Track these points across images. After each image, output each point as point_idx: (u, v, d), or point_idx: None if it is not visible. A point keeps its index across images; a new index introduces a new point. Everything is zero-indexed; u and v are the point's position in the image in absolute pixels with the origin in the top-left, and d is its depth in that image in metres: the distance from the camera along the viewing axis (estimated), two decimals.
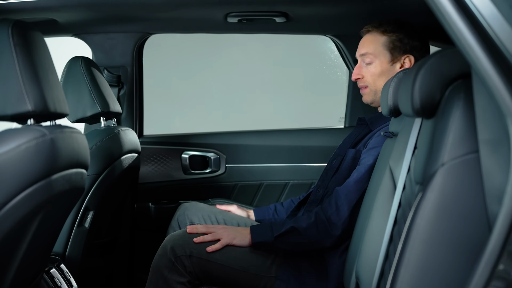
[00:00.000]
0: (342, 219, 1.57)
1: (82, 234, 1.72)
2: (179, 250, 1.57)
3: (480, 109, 0.88)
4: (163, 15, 1.97)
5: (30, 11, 1.65)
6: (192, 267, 1.57)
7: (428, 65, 1.01)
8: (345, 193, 1.60)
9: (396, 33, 1.72)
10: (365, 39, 1.77)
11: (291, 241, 1.59)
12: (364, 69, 1.75)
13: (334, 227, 1.57)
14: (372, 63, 1.73)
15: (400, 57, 1.72)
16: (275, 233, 1.58)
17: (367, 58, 1.73)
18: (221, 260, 1.59)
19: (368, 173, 1.62)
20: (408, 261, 0.95)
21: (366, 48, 1.74)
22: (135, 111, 2.38)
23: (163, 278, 1.56)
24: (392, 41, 1.72)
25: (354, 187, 1.61)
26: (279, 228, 1.60)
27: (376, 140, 1.67)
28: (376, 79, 1.74)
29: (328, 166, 1.83)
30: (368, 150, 1.67)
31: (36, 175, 0.97)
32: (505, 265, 0.79)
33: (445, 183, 0.92)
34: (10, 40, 1.02)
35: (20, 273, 1.11)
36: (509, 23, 0.80)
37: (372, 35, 1.74)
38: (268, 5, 1.79)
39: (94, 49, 2.28)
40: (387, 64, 1.72)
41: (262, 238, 1.60)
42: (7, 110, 1.02)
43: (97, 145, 1.76)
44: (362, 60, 1.76)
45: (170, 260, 1.56)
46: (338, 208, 1.58)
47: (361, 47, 1.77)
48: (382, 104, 1.63)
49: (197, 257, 1.57)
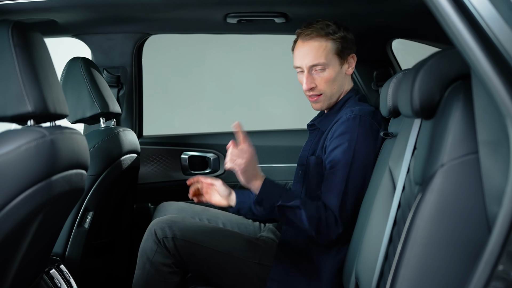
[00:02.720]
0: (339, 225, 1.54)
1: (81, 234, 1.72)
2: (162, 232, 1.59)
3: (480, 110, 0.88)
4: (162, 15, 1.97)
5: (30, 12, 1.64)
6: (176, 250, 1.59)
7: (428, 66, 1.01)
8: (337, 203, 1.54)
9: (338, 33, 1.67)
10: (309, 46, 1.66)
11: (291, 218, 1.53)
12: (316, 76, 1.67)
13: (331, 231, 1.54)
14: (324, 70, 1.66)
15: (347, 57, 1.70)
16: (282, 202, 1.52)
17: (318, 67, 1.65)
18: (205, 242, 1.61)
19: (347, 165, 1.56)
20: (408, 261, 0.95)
21: (316, 59, 1.65)
22: (135, 111, 2.38)
23: (149, 261, 1.59)
24: (338, 44, 1.66)
25: (343, 187, 1.55)
26: (288, 199, 1.53)
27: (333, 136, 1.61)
28: (330, 84, 1.68)
29: (296, 178, 1.79)
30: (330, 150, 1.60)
31: (36, 176, 0.97)
32: (505, 265, 0.79)
33: (444, 183, 0.92)
34: (10, 41, 1.02)
35: (20, 274, 1.11)
36: (508, 24, 0.80)
37: (316, 41, 1.65)
38: (267, 5, 1.80)
39: (93, 49, 2.28)
40: (338, 67, 1.68)
41: (268, 197, 1.53)
42: (7, 111, 1.02)
43: (96, 146, 1.76)
44: (311, 69, 1.66)
45: (155, 242, 1.59)
46: (335, 215, 1.54)
47: (307, 56, 1.65)
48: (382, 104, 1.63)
49: (181, 239, 1.60)
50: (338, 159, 1.57)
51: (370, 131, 1.60)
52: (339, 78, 1.69)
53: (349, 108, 1.66)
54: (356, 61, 1.73)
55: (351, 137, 1.57)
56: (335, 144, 1.59)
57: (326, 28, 1.65)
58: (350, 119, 1.60)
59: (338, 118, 1.65)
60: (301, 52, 1.68)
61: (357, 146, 1.57)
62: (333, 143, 1.60)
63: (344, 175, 1.55)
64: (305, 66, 1.67)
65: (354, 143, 1.57)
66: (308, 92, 1.69)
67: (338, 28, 1.67)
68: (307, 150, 1.76)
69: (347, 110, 1.64)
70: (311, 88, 1.68)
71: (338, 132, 1.60)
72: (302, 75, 1.69)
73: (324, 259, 1.64)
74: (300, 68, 1.69)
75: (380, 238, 1.19)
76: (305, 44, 1.67)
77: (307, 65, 1.66)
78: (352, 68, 1.73)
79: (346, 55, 1.69)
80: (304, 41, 1.67)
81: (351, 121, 1.59)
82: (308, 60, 1.66)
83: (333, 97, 1.71)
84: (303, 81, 1.68)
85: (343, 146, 1.57)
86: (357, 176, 1.57)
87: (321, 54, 1.65)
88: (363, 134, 1.58)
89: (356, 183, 1.57)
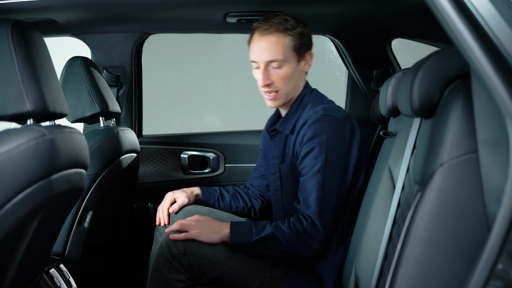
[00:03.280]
0: (320, 231, 1.54)
1: (81, 234, 1.72)
2: (174, 248, 1.57)
3: (479, 109, 0.88)
4: (162, 15, 1.97)
5: (29, 11, 1.64)
6: (189, 264, 1.57)
7: (427, 65, 1.01)
8: (315, 209, 1.54)
9: (297, 29, 1.62)
10: (269, 42, 1.61)
11: (271, 246, 1.55)
12: (273, 72, 1.63)
13: (312, 240, 1.54)
14: (281, 67, 1.62)
15: (304, 54, 1.67)
16: (255, 237, 1.54)
17: (275, 63, 1.62)
18: (214, 257, 1.59)
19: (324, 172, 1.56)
20: (407, 260, 0.95)
21: (274, 55, 1.60)
22: (134, 111, 2.38)
23: (162, 277, 1.56)
24: (297, 40, 1.62)
25: (319, 193, 1.55)
26: (259, 231, 1.55)
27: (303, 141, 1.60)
28: (287, 81, 1.64)
29: (272, 187, 1.78)
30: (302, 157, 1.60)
31: (36, 175, 0.97)
32: (504, 264, 0.79)
33: (444, 183, 0.92)
34: (10, 40, 1.02)
35: (20, 273, 1.11)
36: (508, 23, 0.80)
37: (275, 36, 1.61)
38: (267, 5, 1.79)
39: (93, 49, 2.28)
40: (295, 64, 1.64)
41: (241, 239, 1.56)
42: (6, 110, 1.02)
43: (96, 145, 1.76)
44: (268, 64, 1.62)
45: (167, 259, 1.56)
46: (314, 222, 1.54)
47: (265, 51, 1.61)
48: (381, 104, 1.63)
49: (191, 254, 1.57)
50: (311, 165, 1.57)
51: (337, 129, 1.58)
52: (296, 75, 1.66)
53: (311, 108, 1.64)
54: (313, 57, 1.70)
55: (320, 141, 1.56)
56: (306, 149, 1.58)
57: (285, 23, 1.61)
58: (316, 122, 1.58)
59: (305, 120, 1.62)
60: (258, 46, 1.63)
61: (328, 148, 1.56)
62: (304, 148, 1.59)
63: (318, 180, 1.55)
64: (262, 61, 1.62)
65: (325, 145, 1.56)
66: (264, 88, 1.65)
67: (296, 23, 1.63)
68: (276, 157, 1.74)
69: (310, 112, 1.62)
70: (267, 84, 1.63)
71: (307, 137, 1.58)
72: (258, 71, 1.65)
73: (322, 266, 1.64)
74: (256, 63, 1.65)
75: (380, 238, 1.19)
76: (263, 39, 1.62)
77: (264, 61, 1.62)
78: (308, 65, 1.70)
79: (303, 52, 1.66)
80: (262, 35, 1.62)
81: (317, 124, 1.57)
82: (265, 56, 1.62)
83: (290, 94, 1.68)
84: (258, 77, 1.65)
85: (315, 151, 1.56)
86: (333, 178, 1.57)
87: (278, 50, 1.61)
88: (332, 135, 1.57)
89: (333, 185, 1.57)
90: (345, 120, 1.61)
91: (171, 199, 1.83)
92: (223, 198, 1.89)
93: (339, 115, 1.61)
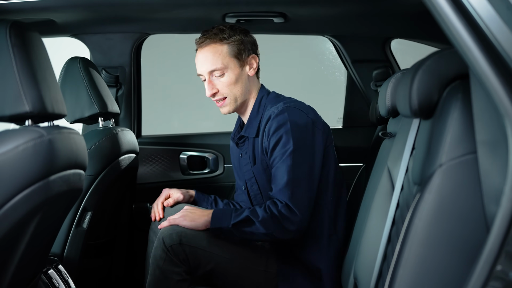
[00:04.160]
0: (295, 213, 1.57)
1: (80, 234, 1.71)
2: (170, 239, 1.59)
3: (478, 110, 0.88)
4: (161, 15, 1.97)
5: (28, 12, 1.64)
6: (184, 255, 1.59)
7: (426, 66, 1.01)
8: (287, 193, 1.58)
9: (234, 37, 1.71)
10: (205, 53, 1.70)
11: (247, 230, 1.58)
12: (217, 81, 1.71)
13: (288, 222, 1.57)
14: (223, 75, 1.71)
15: (246, 58, 1.73)
16: (233, 221, 1.58)
17: (216, 72, 1.70)
18: (209, 248, 1.62)
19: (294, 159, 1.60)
20: (406, 261, 0.95)
21: (213, 64, 1.69)
22: (133, 111, 2.38)
23: (159, 269, 1.59)
24: (235, 46, 1.70)
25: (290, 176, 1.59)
26: (237, 215, 1.59)
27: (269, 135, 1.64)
28: (232, 88, 1.72)
29: (251, 193, 1.82)
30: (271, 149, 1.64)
31: (34, 176, 0.97)
32: (503, 265, 0.79)
33: (443, 183, 0.92)
34: (8, 41, 1.02)
35: (18, 274, 1.10)
36: (506, 24, 0.80)
37: (212, 47, 1.70)
38: (266, 5, 1.79)
39: (92, 49, 2.28)
40: (238, 70, 1.71)
41: (220, 224, 1.60)
42: (5, 111, 1.02)
43: (95, 146, 1.76)
44: (210, 75, 1.71)
45: (163, 250, 1.59)
46: (288, 205, 1.57)
47: (205, 63, 1.71)
48: (380, 104, 1.63)
49: (187, 244, 1.60)
50: (280, 154, 1.62)
51: (299, 117, 1.64)
52: (242, 80, 1.73)
53: (272, 106, 1.70)
54: (258, 62, 1.76)
55: (286, 129, 1.61)
56: (274, 141, 1.63)
57: (221, 33, 1.70)
58: (279, 114, 1.63)
59: (268, 116, 1.67)
60: (199, 59, 1.73)
61: (294, 134, 1.61)
62: (272, 140, 1.64)
63: (289, 164, 1.59)
64: (205, 72, 1.71)
65: (290, 132, 1.61)
66: (212, 98, 1.74)
67: (233, 31, 1.71)
68: (248, 163, 1.79)
69: (273, 108, 1.68)
70: (213, 94, 1.72)
71: (272, 129, 1.64)
72: (205, 83, 1.74)
73: (318, 259, 1.66)
74: (202, 76, 1.74)
75: (379, 238, 1.19)
76: (201, 52, 1.72)
77: (206, 71, 1.71)
78: (254, 69, 1.75)
79: (245, 57, 1.72)
80: (200, 48, 1.72)
81: (280, 116, 1.63)
82: (206, 67, 1.70)
83: (239, 99, 1.74)
84: (206, 88, 1.73)
85: (282, 140, 1.62)
86: (302, 163, 1.61)
87: (217, 59, 1.69)
88: (295, 122, 1.63)
89: (303, 169, 1.61)
90: (307, 109, 1.69)
91: (166, 195, 1.87)
92: (216, 204, 1.92)
93: (300, 106, 1.69)
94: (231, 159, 1.97)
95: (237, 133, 1.86)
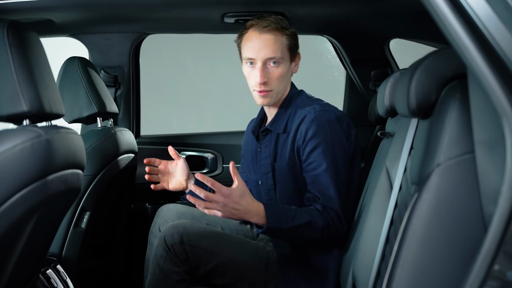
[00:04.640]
0: (344, 224, 1.57)
1: (78, 234, 1.71)
2: (170, 238, 1.59)
3: (476, 110, 0.88)
4: (160, 15, 1.97)
5: (26, 11, 1.64)
6: (185, 254, 1.58)
7: (424, 65, 1.01)
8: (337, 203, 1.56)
9: (290, 29, 1.63)
10: (267, 39, 1.60)
11: (306, 234, 1.53)
12: (270, 71, 1.62)
13: (337, 232, 1.56)
14: (279, 65, 1.62)
15: (296, 55, 1.68)
16: (292, 223, 1.50)
17: (273, 61, 1.61)
18: (210, 248, 1.61)
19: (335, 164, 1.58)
20: (404, 261, 0.95)
21: (274, 52, 1.59)
22: (132, 111, 2.38)
23: (159, 268, 1.59)
24: (291, 40, 1.63)
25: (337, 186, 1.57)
26: (293, 217, 1.51)
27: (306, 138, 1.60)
28: (281, 81, 1.64)
29: (265, 187, 1.74)
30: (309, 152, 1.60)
31: (32, 175, 0.96)
32: (501, 265, 0.79)
33: (441, 183, 0.92)
34: (5, 41, 1.02)
35: (16, 273, 1.10)
36: (504, 23, 0.80)
37: (274, 34, 1.60)
38: (265, 5, 1.79)
39: (90, 49, 2.28)
40: (289, 64, 1.65)
41: (278, 224, 1.50)
42: (2, 111, 1.02)
43: (93, 146, 1.75)
44: (266, 62, 1.61)
45: (164, 249, 1.58)
46: (339, 215, 1.56)
47: (265, 48, 1.60)
48: (379, 104, 1.63)
49: (188, 244, 1.59)
50: (321, 160, 1.57)
51: (338, 123, 1.62)
52: (288, 76, 1.68)
53: (307, 106, 1.65)
54: (300, 59, 1.72)
55: (325, 136, 1.58)
56: (312, 145, 1.58)
57: (281, 22, 1.61)
58: (318, 117, 1.60)
59: (302, 116, 1.62)
60: (257, 43, 1.61)
61: (333, 142, 1.59)
62: (310, 144, 1.59)
63: (332, 174, 1.57)
64: (261, 58, 1.60)
65: (330, 139, 1.58)
66: (259, 87, 1.62)
67: (289, 23, 1.65)
68: (267, 156, 1.73)
69: (308, 109, 1.63)
70: (264, 82, 1.61)
71: (311, 133, 1.59)
72: (253, 68, 1.63)
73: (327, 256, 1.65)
74: (252, 60, 1.63)
75: (377, 238, 1.19)
76: (262, 36, 1.60)
77: (263, 58, 1.60)
78: (297, 66, 1.71)
79: (295, 53, 1.68)
80: (261, 32, 1.60)
81: (319, 120, 1.59)
82: (265, 53, 1.60)
83: (280, 94, 1.68)
84: (256, 74, 1.61)
85: (322, 146, 1.58)
86: (341, 172, 1.60)
87: (277, 48, 1.60)
88: (334, 129, 1.60)
89: (342, 178, 1.60)
90: (342, 115, 1.66)
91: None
92: None
93: (336, 110, 1.66)
94: (242, 152, 1.91)
95: (258, 127, 1.80)
